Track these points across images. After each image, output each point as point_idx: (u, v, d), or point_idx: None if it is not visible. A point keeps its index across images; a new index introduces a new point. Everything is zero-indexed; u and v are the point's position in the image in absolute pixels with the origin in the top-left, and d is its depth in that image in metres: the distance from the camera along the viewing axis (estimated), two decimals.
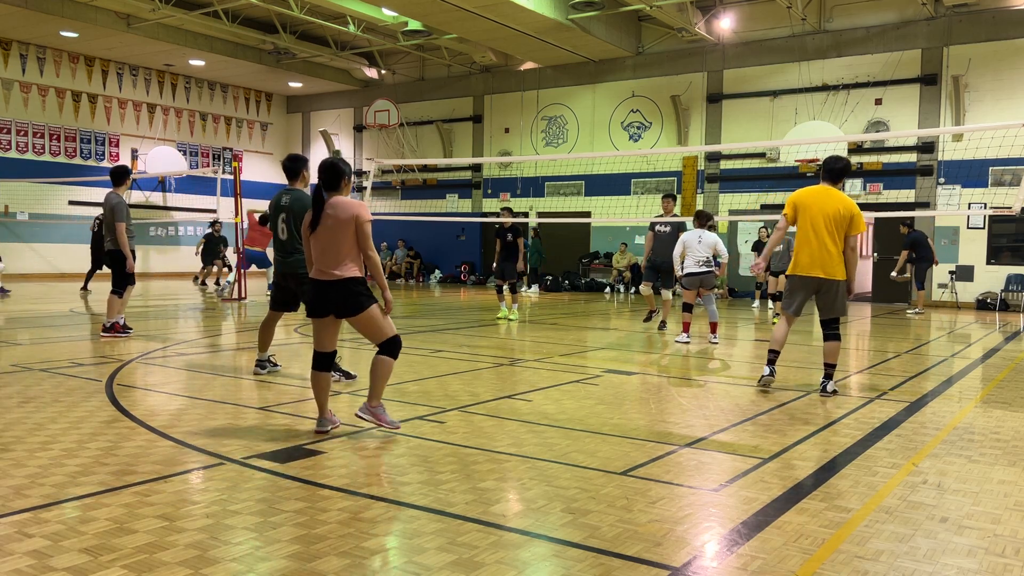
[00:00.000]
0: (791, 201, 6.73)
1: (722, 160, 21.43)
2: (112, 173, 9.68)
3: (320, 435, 4.97)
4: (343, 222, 4.73)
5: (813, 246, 6.56)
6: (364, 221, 4.76)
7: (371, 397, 4.95)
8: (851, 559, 3.12)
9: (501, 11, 18.14)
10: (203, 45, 23.12)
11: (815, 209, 6.55)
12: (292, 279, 6.91)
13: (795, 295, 6.79)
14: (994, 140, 16.38)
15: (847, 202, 6.57)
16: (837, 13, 19.82)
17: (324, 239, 4.79)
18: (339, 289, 4.78)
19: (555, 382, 7.15)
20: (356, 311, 4.80)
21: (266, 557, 3.05)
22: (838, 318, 6.70)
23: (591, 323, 13.54)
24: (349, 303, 4.79)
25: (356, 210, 4.75)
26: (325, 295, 4.82)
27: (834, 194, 6.62)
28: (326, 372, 5.02)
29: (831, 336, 6.70)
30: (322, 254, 4.81)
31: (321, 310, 4.87)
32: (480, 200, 25.33)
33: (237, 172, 15.95)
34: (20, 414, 5.41)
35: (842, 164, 6.73)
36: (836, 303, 6.64)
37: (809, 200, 6.62)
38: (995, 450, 4.88)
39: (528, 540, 3.29)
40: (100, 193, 24.00)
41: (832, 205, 6.54)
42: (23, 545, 3.11)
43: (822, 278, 6.57)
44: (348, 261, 4.78)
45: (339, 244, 4.75)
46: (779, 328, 6.89)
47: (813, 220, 6.55)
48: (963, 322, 14.78)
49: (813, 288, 6.67)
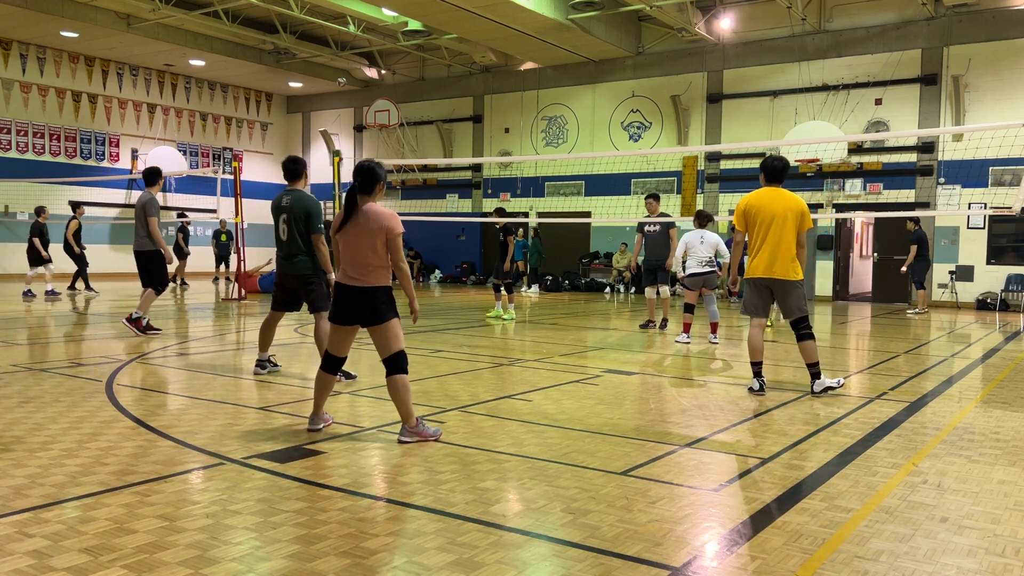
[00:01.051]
0: (740, 210, 6.72)
1: (722, 160, 21.43)
2: (144, 174, 9.85)
3: (312, 432, 4.99)
4: (374, 232, 4.71)
5: (766, 249, 6.56)
6: (396, 234, 4.76)
7: (405, 419, 4.84)
8: (851, 559, 3.12)
9: (501, 11, 18.14)
10: (203, 45, 23.12)
11: (766, 212, 6.56)
12: (295, 279, 6.91)
13: (752, 299, 6.79)
14: (994, 140, 16.38)
15: (798, 200, 6.61)
16: (837, 13, 19.82)
17: (353, 246, 4.76)
18: (366, 297, 4.77)
19: (555, 382, 7.15)
20: (378, 321, 4.79)
21: (266, 557, 3.05)
22: (806, 316, 6.68)
23: (591, 323, 13.54)
24: (373, 312, 4.78)
25: (388, 222, 4.73)
26: (350, 303, 4.81)
27: (784, 194, 6.65)
28: (332, 376, 5.03)
29: (803, 336, 6.65)
30: (351, 261, 4.78)
31: (345, 318, 4.85)
32: (480, 200, 25.33)
33: (237, 172, 15.95)
34: (20, 414, 5.41)
35: (783, 163, 6.75)
36: (792, 302, 6.62)
37: (761, 204, 6.62)
38: (995, 450, 4.88)
39: (528, 540, 3.29)
40: (100, 193, 24.10)
41: (785, 205, 6.55)
42: (23, 545, 3.11)
43: (775, 279, 6.57)
44: (376, 270, 4.77)
45: (368, 253, 4.73)
46: (752, 337, 6.77)
47: (764, 223, 6.55)
48: (963, 322, 14.78)
49: (768, 290, 6.68)
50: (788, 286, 6.58)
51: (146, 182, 9.77)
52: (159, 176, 9.84)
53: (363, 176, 4.79)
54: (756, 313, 6.78)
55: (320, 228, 6.92)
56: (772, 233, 6.54)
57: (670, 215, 12.77)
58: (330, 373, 5.01)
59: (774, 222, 6.52)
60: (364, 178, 4.79)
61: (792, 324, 6.74)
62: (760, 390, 6.67)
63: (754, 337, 6.77)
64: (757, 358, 6.74)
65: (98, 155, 24.62)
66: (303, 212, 6.80)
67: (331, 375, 5.02)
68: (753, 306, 6.79)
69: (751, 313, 6.81)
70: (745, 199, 6.77)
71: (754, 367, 6.76)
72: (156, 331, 9.83)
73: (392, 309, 4.84)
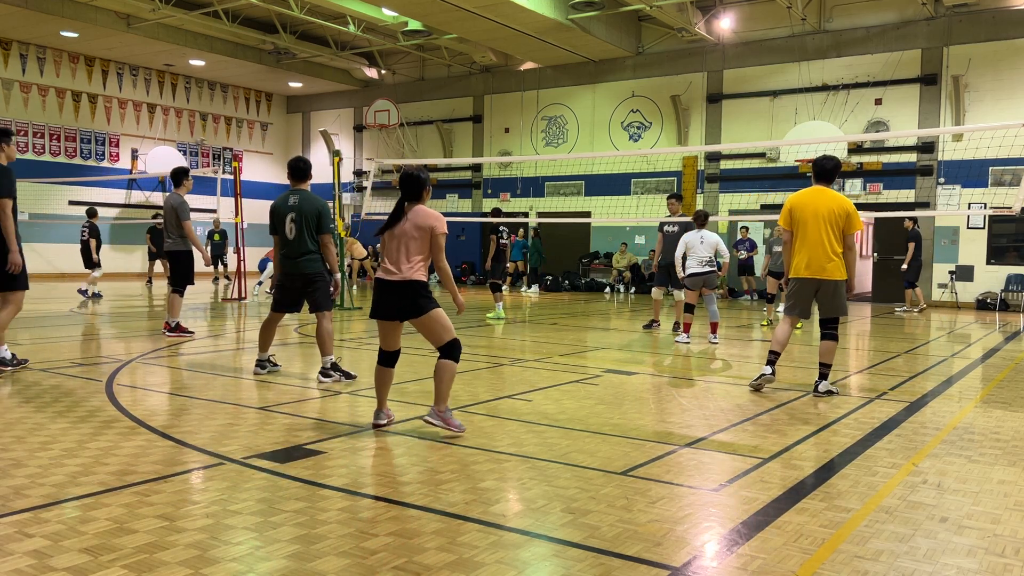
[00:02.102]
0: (787, 207, 6.71)
1: (722, 160, 21.43)
2: (172, 174, 9.99)
3: (377, 428, 5.12)
4: (420, 229, 4.91)
5: (811, 248, 6.53)
6: (440, 233, 4.93)
7: (438, 401, 4.99)
8: (851, 559, 3.12)
9: (501, 11, 18.14)
10: (203, 45, 23.13)
11: (810, 211, 6.54)
12: (299, 279, 6.90)
13: (796, 298, 6.75)
14: (994, 140, 16.38)
15: (842, 201, 6.55)
16: (837, 13, 19.82)
17: (397, 242, 4.95)
18: (402, 290, 4.90)
19: (555, 382, 7.15)
20: (418, 313, 4.92)
21: (266, 557, 3.05)
22: (837, 318, 6.68)
23: (591, 323, 13.54)
24: (411, 305, 4.92)
25: (433, 222, 4.91)
26: (389, 296, 4.95)
27: (828, 194, 6.61)
28: (390, 368, 5.20)
29: (828, 336, 6.67)
30: (391, 256, 4.97)
31: (385, 313, 5.01)
32: (480, 200, 25.33)
33: (237, 172, 15.95)
34: (20, 414, 5.41)
35: (833, 163, 6.72)
36: (836, 302, 6.61)
37: (804, 202, 6.60)
38: (995, 450, 4.88)
39: (528, 540, 3.29)
40: (100, 193, 24.10)
41: (826, 205, 6.52)
42: (23, 545, 3.11)
43: (821, 279, 6.55)
44: (415, 264, 4.92)
45: (410, 248, 4.92)
46: (781, 329, 6.83)
47: (809, 222, 6.53)
48: (963, 322, 14.78)
49: (813, 290, 6.65)
50: (832, 286, 6.54)
51: (173, 183, 9.93)
52: (185, 175, 9.99)
53: (409, 184, 5.00)
54: (798, 313, 6.78)
55: (331, 228, 6.96)
56: (812, 232, 6.51)
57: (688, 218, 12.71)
58: (387, 367, 5.17)
59: (816, 221, 6.49)
60: (410, 186, 5.00)
61: (821, 322, 6.74)
62: (771, 375, 6.69)
63: (782, 331, 6.80)
64: (778, 349, 6.76)
65: (98, 155, 24.62)
66: (314, 212, 6.83)
67: (389, 368, 5.18)
68: (795, 306, 6.77)
69: (791, 312, 6.80)
70: (791, 198, 6.75)
71: (771, 355, 6.77)
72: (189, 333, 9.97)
73: (431, 300, 4.97)
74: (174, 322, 9.91)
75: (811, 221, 6.51)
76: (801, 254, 6.60)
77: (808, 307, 6.79)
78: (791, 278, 6.78)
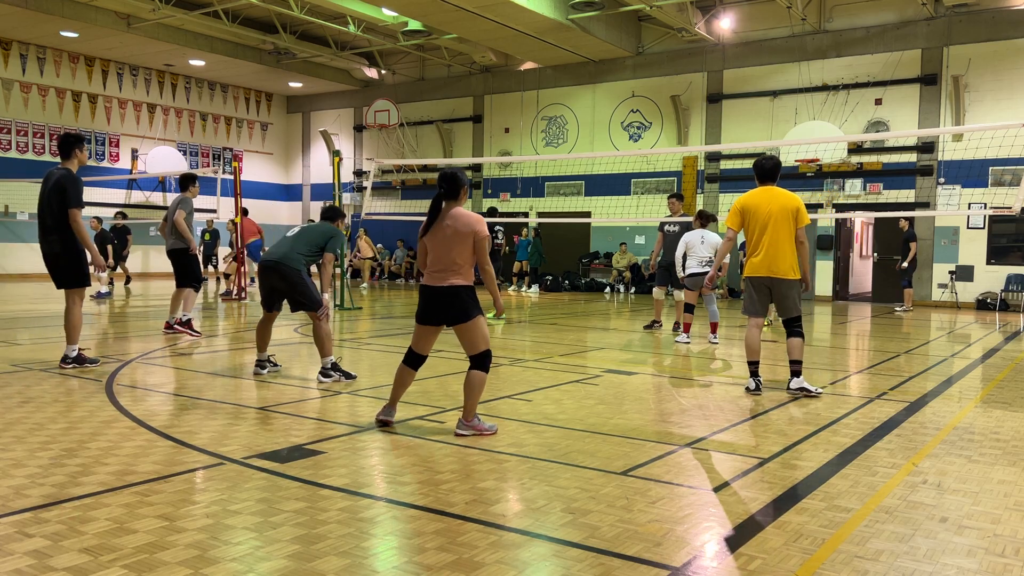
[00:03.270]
0: (735, 209, 6.77)
1: (722, 160, 21.43)
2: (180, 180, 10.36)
3: (382, 424, 5.16)
4: (462, 235, 4.91)
5: (763, 247, 6.60)
6: (483, 237, 4.95)
7: (468, 413, 5.03)
8: (851, 559, 3.12)
9: (501, 11, 18.14)
10: (203, 45, 23.12)
11: (762, 210, 6.60)
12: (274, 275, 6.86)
13: (751, 298, 6.82)
14: (994, 140, 16.38)
15: (791, 197, 6.65)
16: (837, 13, 19.82)
17: (440, 247, 4.95)
18: (452, 296, 4.93)
19: (555, 382, 7.15)
20: (464, 319, 4.95)
21: (266, 557, 3.05)
22: (800, 316, 6.72)
23: (591, 323, 13.54)
24: (458, 311, 4.94)
25: (476, 226, 4.93)
26: (437, 302, 4.98)
27: (776, 192, 6.69)
28: (414, 371, 5.23)
29: (793, 333, 6.71)
30: (436, 261, 4.97)
31: (432, 319, 5.05)
32: (480, 200, 25.32)
33: (237, 172, 15.95)
34: (20, 414, 5.41)
35: (773, 162, 6.81)
36: (789, 302, 6.65)
37: (754, 203, 6.67)
38: (995, 450, 4.88)
39: (528, 540, 3.29)
40: (100, 193, 24.07)
41: (777, 203, 6.60)
42: (23, 545, 3.11)
43: (773, 278, 6.60)
44: (462, 270, 4.95)
45: (454, 254, 4.92)
46: (749, 336, 6.82)
47: (761, 222, 6.60)
48: (963, 322, 14.78)
49: (766, 288, 6.71)
50: (786, 285, 6.61)
51: (180, 188, 10.24)
52: (192, 182, 10.26)
53: (448, 183, 4.99)
54: (754, 312, 6.83)
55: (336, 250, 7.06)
56: (768, 232, 6.58)
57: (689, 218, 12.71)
58: (412, 369, 5.20)
59: (770, 221, 6.57)
60: (449, 185, 4.99)
61: (785, 322, 6.79)
62: (756, 390, 6.69)
63: (751, 337, 6.82)
64: (754, 357, 6.78)
65: (98, 155, 24.61)
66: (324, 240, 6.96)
67: (413, 370, 5.21)
68: (752, 305, 6.83)
69: (750, 312, 6.86)
70: (741, 199, 6.82)
71: (751, 366, 6.79)
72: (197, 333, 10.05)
73: (477, 307, 5.01)
74: (186, 317, 9.99)
75: (767, 221, 6.58)
76: (759, 255, 6.64)
77: (763, 306, 6.84)
78: (745, 277, 6.84)
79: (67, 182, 6.99)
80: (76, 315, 7.31)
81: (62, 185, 6.98)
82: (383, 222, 24.17)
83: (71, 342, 7.34)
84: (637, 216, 21.69)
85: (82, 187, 7.11)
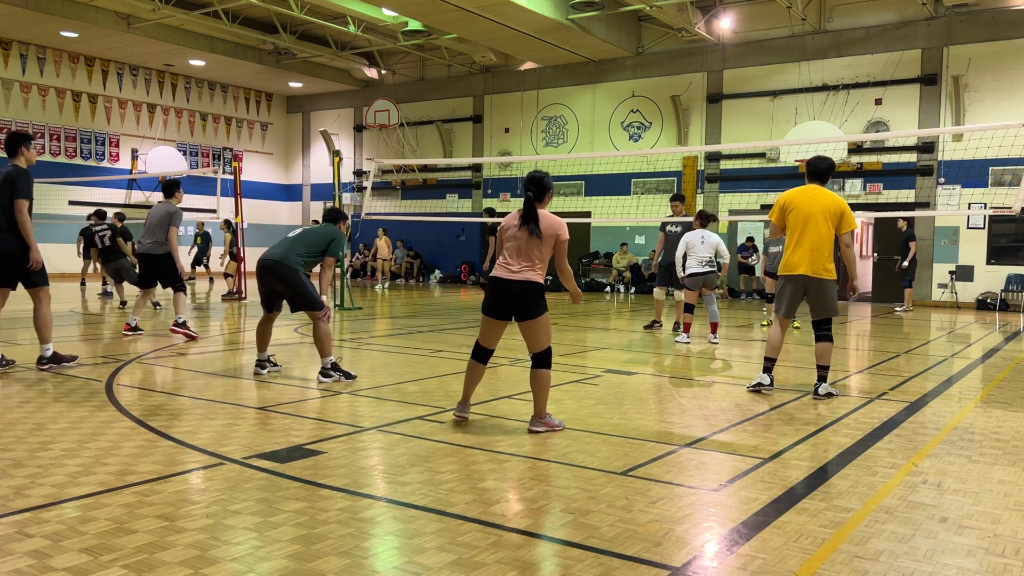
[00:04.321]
0: (779, 203, 6.71)
1: (722, 160, 21.43)
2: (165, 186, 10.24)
3: (460, 419, 5.30)
4: (546, 237, 5.12)
5: (802, 246, 6.52)
6: (564, 240, 5.20)
7: (540, 411, 5.17)
8: (851, 559, 3.12)
9: (501, 11, 18.14)
10: (203, 45, 23.12)
11: (803, 209, 6.53)
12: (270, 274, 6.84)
13: (784, 296, 6.72)
14: (994, 140, 16.38)
15: (836, 200, 6.55)
16: (837, 13, 19.82)
17: (520, 243, 5.13)
18: (523, 291, 5.08)
19: (555, 382, 7.14)
20: (534, 315, 5.09)
21: (266, 557, 3.05)
22: (830, 319, 6.65)
23: (591, 323, 13.54)
24: (530, 307, 5.09)
25: (559, 230, 5.16)
26: (507, 296, 5.11)
27: (822, 192, 6.61)
28: (483, 365, 5.35)
29: (822, 337, 6.62)
30: (514, 255, 5.14)
31: (500, 312, 5.19)
32: (480, 200, 25.34)
33: (237, 172, 15.95)
34: (20, 414, 5.41)
35: (827, 164, 6.74)
36: (825, 303, 6.57)
37: (797, 200, 6.60)
38: (995, 450, 4.88)
39: (528, 540, 3.29)
40: (100, 193, 24.08)
41: (820, 203, 6.51)
42: (23, 545, 3.11)
43: (810, 277, 6.50)
44: (537, 268, 5.14)
45: (533, 252, 5.12)
46: (773, 333, 6.79)
47: (802, 220, 6.52)
48: (963, 322, 14.78)
49: (802, 288, 6.61)
50: (823, 285, 6.51)
51: (164, 194, 10.11)
52: (178, 187, 10.20)
53: (536, 186, 5.20)
54: (784, 312, 6.74)
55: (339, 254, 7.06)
56: (808, 231, 6.48)
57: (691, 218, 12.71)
58: (481, 362, 5.33)
59: (810, 220, 6.47)
60: (537, 188, 5.20)
61: (814, 323, 6.70)
62: (769, 385, 6.67)
63: (775, 335, 6.75)
64: (772, 355, 6.73)
65: (98, 155, 24.62)
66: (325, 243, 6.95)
67: (481, 364, 5.33)
68: (783, 304, 6.73)
69: (779, 312, 6.76)
70: (784, 195, 6.74)
71: (767, 362, 6.74)
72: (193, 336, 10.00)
73: (544, 305, 5.16)
74: (181, 319, 9.97)
75: (805, 219, 6.50)
76: (792, 252, 6.57)
77: (795, 306, 6.74)
78: (779, 275, 6.75)
79: (17, 175, 6.92)
80: (45, 313, 7.19)
81: (12, 179, 6.91)
82: (383, 222, 24.18)
83: (44, 341, 7.25)
84: (637, 216, 21.69)
85: (32, 181, 7.01)
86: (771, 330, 6.85)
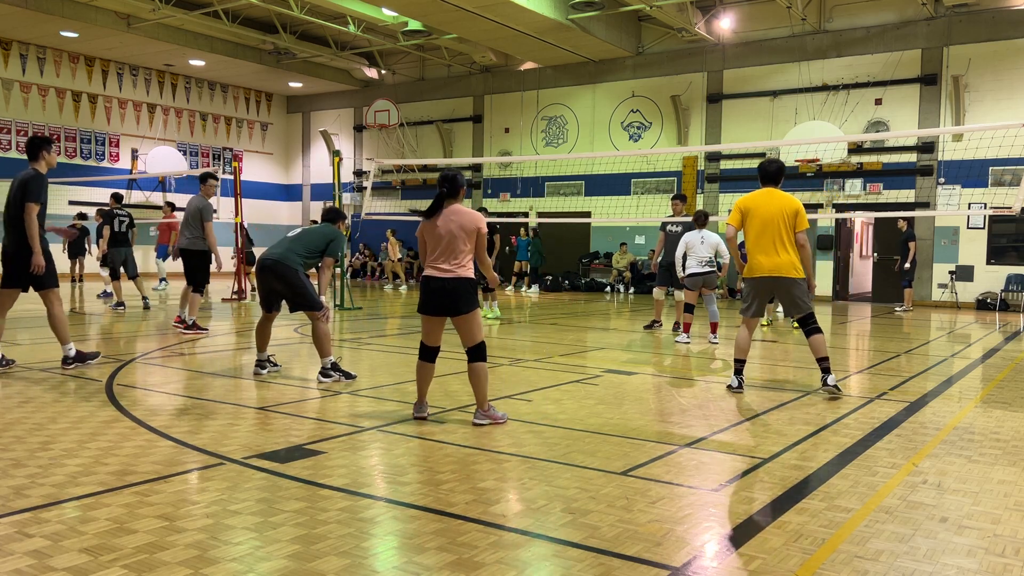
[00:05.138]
0: (737, 207, 6.84)
1: (722, 160, 21.43)
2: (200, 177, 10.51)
3: (418, 420, 5.39)
4: (467, 230, 5.24)
5: (764, 248, 6.64)
6: (484, 233, 5.35)
7: (482, 403, 5.34)
8: (851, 559, 3.12)
9: (501, 11, 18.14)
10: (203, 45, 23.12)
11: (762, 211, 6.66)
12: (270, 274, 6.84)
13: (751, 298, 6.85)
14: (994, 140, 16.38)
15: (791, 200, 6.70)
16: (837, 13, 19.82)
17: (444, 241, 5.24)
18: (454, 287, 5.22)
19: (555, 382, 7.15)
20: (466, 311, 5.25)
21: (266, 557, 3.05)
22: (811, 313, 6.73)
23: (591, 323, 13.54)
24: (461, 302, 5.24)
25: (478, 222, 5.30)
26: (438, 293, 5.25)
27: (777, 194, 6.75)
28: (431, 363, 5.48)
29: (812, 331, 6.72)
30: (440, 254, 5.26)
31: (433, 309, 5.32)
32: (480, 200, 25.32)
33: (237, 172, 15.95)
34: (20, 414, 5.41)
35: (777, 166, 6.93)
36: (795, 301, 6.68)
37: (755, 204, 6.73)
38: (995, 450, 4.88)
39: (528, 540, 3.29)
40: (100, 193, 24.05)
41: (776, 205, 6.66)
42: (23, 545, 3.11)
43: (777, 277, 6.63)
44: (464, 262, 5.27)
45: (458, 247, 5.23)
46: (741, 335, 6.87)
47: (761, 223, 6.65)
48: (963, 322, 14.78)
49: (768, 289, 6.75)
50: (788, 283, 6.63)
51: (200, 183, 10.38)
52: (212, 177, 10.45)
53: (449, 183, 5.35)
54: (751, 313, 6.86)
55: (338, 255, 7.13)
56: (767, 233, 6.64)
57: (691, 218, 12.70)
58: (429, 362, 5.47)
59: (769, 223, 6.63)
60: (450, 185, 5.34)
61: (799, 321, 6.79)
62: (739, 388, 6.73)
63: (742, 336, 6.88)
64: (741, 356, 6.84)
65: (98, 155, 24.61)
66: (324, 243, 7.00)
67: (430, 363, 5.47)
68: (749, 307, 6.86)
69: (746, 313, 6.89)
70: (742, 199, 6.90)
71: (736, 364, 6.85)
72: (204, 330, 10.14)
73: (475, 300, 5.34)
74: (191, 320, 9.99)
75: (766, 222, 6.63)
76: (759, 255, 6.68)
77: (763, 307, 6.90)
78: (746, 278, 6.87)
79: (29, 179, 7.04)
80: (58, 314, 7.22)
81: (25, 182, 7.02)
82: (383, 222, 24.17)
83: (64, 342, 7.29)
84: (637, 216, 21.69)
85: (46, 187, 7.11)
86: (739, 332, 6.93)
